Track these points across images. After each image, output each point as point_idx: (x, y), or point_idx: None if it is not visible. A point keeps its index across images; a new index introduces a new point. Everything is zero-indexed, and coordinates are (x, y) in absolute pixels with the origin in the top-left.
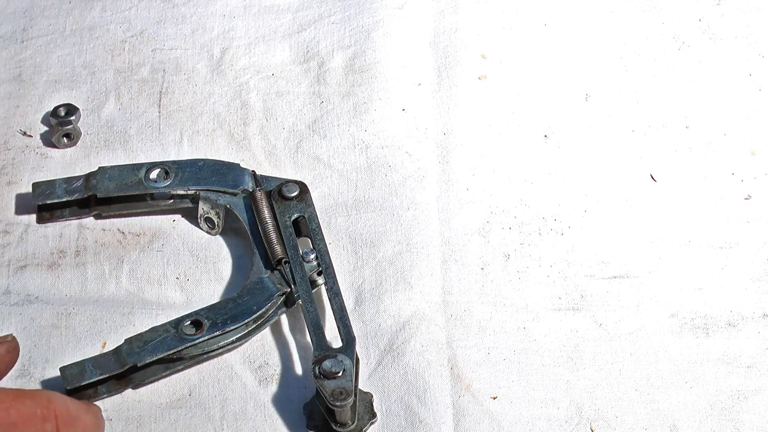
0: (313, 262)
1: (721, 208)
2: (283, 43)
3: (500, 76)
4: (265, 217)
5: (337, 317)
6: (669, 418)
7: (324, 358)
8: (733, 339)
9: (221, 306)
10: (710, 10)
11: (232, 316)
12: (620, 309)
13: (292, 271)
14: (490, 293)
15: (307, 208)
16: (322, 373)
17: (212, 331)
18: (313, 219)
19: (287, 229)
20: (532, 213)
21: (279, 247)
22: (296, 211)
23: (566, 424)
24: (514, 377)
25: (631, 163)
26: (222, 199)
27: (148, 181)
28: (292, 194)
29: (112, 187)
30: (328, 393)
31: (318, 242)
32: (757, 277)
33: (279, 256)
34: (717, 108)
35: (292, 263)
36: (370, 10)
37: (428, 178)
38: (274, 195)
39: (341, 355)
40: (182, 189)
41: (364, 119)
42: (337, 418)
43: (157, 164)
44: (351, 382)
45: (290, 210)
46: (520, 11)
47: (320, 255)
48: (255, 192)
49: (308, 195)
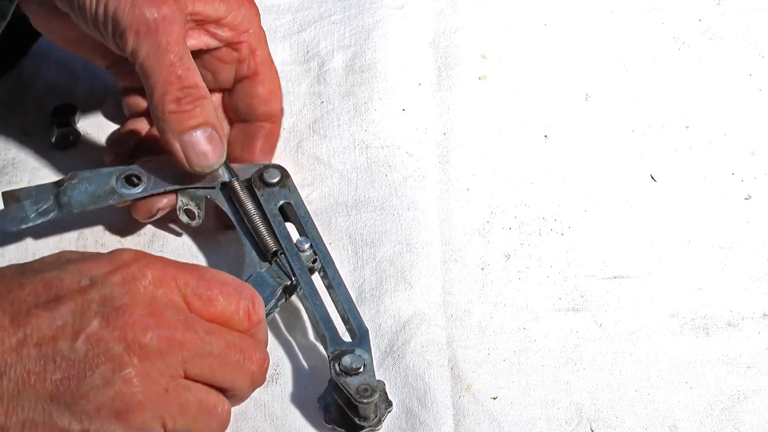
0: (308, 251)
1: (721, 208)
2: (283, 43)
3: (500, 76)
4: (249, 209)
5: (345, 308)
6: (669, 418)
7: (342, 354)
8: (733, 339)
9: None
10: (710, 10)
11: None
12: (620, 309)
13: (289, 263)
14: (490, 293)
15: (291, 194)
16: (343, 370)
17: None
18: (300, 205)
19: (276, 218)
20: (532, 213)
21: (270, 238)
22: (281, 198)
23: (566, 424)
24: (515, 377)
25: (631, 163)
26: (201, 191)
27: (121, 188)
28: (274, 180)
29: (85, 201)
30: (353, 390)
31: (310, 229)
32: (757, 277)
33: (273, 248)
34: (717, 108)
35: (288, 254)
36: (370, 10)
37: (428, 178)
38: (255, 182)
39: (358, 349)
40: (156, 191)
41: (365, 119)
42: (360, 413)
43: (128, 168)
44: (374, 377)
45: (274, 197)
46: (520, 11)
47: (315, 243)
48: (232, 183)
49: (290, 180)
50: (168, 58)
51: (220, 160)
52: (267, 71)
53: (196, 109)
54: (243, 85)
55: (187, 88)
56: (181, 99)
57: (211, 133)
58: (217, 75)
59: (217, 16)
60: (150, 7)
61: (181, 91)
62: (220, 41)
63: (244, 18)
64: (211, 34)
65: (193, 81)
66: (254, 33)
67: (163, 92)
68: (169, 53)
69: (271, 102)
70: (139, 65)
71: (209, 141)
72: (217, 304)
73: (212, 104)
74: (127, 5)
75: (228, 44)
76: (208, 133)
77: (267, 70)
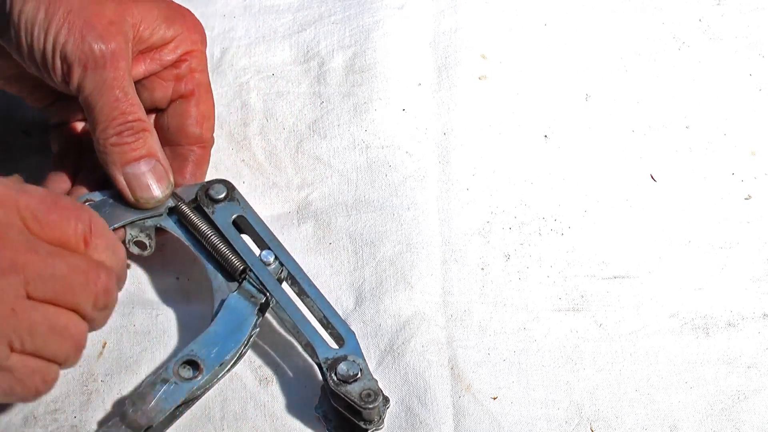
0: (274, 263)
1: (721, 208)
2: (283, 43)
3: (500, 76)
4: (205, 231)
5: (325, 314)
6: (669, 418)
7: (335, 362)
8: (733, 339)
9: (209, 339)
10: (710, 10)
11: (222, 345)
12: (620, 309)
13: (260, 279)
14: (490, 293)
15: (242, 206)
16: (341, 379)
17: (211, 368)
18: (253, 216)
19: (232, 234)
20: (532, 213)
21: (234, 257)
22: (232, 212)
23: (566, 424)
24: (515, 377)
25: (631, 163)
26: (149, 221)
27: None
28: (221, 195)
29: None
30: (357, 398)
31: (270, 240)
32: (757, 277)
33: (239, 267)
34: (717, 108)
35: (256, 270)
36: (370, 10)
37: (428, 178)
38: (202, 200)
39: (350, 354)
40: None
41: (365, 119)
42: (365, 417)
43: None
44: (374, 380)
45: (225, 212)
46: (520, 11)
47: (278, 254)
48: (180, 207)
49: (236, 192)
50: (113, 93)
51: (166, 191)
52: (204, 94)
53: (139, 140)
54: (177, 105)
55: (131, 121)
56: (123, 132)
57: (155, 165)
58: (154, 93)
59: (163, 43)
60: (98, 41)
61: (124, 124)
62: (163, 65)
63: (189, 42)
64: (155, 60)
65: (137, 115)
66: (197, 55)
67: (107, 125)
68: (114, 88)
69: (203, 125)
70: (84, 99)
71: (153, 173)
72: (54, 227)
73: (156, 137)
74: (76, 39)
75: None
76: (152, 164)
77: (204, 92)
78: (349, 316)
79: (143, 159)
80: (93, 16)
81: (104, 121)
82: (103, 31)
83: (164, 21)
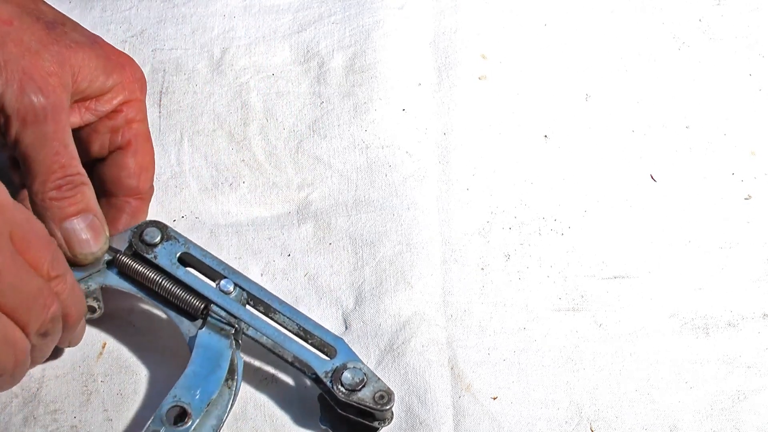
0: (234, 291)
1: (721, 208)
2: (283, 43)
3: (500, 76)
4: (153, 277)
5: (306, 326)
6: (669, 418)
7: (337, 373)
8: (733, 339)
9: (188, 382)
10: (710, 10)
11: (204, 385)
12: (620, 309)
13: (225, 310)
14: (490, 293)
15: (180, 242)
16: (349, 389)
17: (199, 411)
18: (196, 248)
19: (181, 273)
20: (532, 213)
21: (192, 296)
22: (173, 250)
23: (566, 424)
24: (514, 377)
25: (631, 163)
26: (92, 282)
27: None
28: (157, 238)
29: None
30: (372, 402)
31: (222, 269)
32: (757, 277)
33: (200, 305)
34: (717, 108)
35: (219, 302)
36: (370, 10)
37: (428, 178)
38: (139, 246)
39: (348, 361)
40: None
41: (364, 119)
42: (378, 417)
43: None
44: (380, 381)
45: (167, 253)
46: (520, 11)
47: (235, 279)
48: (119, 258)
49: (170, 229)
50: (53, 147)
51: (103, 246)
52: (141, 144)
53: (77, 195)
54: (114, 156)
55: (69, 175)
56: (63, 186)
57: (92, 220)
58: (90, 144)
59: (101, 93)
60: (38, 93)
61: (63, 178)
62: (99, 116)
63: (127, 92)
64: (91, 110)
65: (75, 169)
66: (135, 105)
67: (45, 179)
68: (53, 141)
69: (140, 177)
70: (21, 152)
71: (90, 228)
72: (33, 248)
73: (93, 191)
74: (14, 91)
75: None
76: (89, 219)
77: (142, 143)
78: (349, 316)
79: (81, 214)
80: (31, 67)
81: (43, 173)
82: (42, 83)
83: (103, 71)
